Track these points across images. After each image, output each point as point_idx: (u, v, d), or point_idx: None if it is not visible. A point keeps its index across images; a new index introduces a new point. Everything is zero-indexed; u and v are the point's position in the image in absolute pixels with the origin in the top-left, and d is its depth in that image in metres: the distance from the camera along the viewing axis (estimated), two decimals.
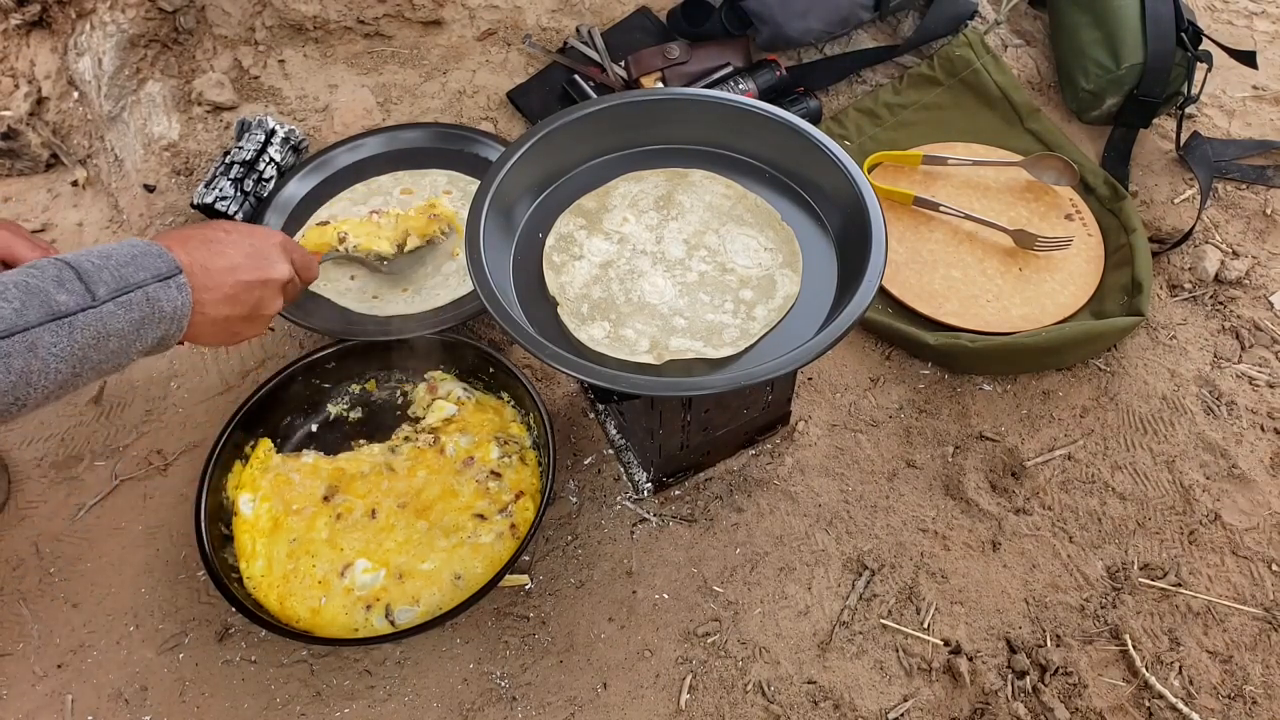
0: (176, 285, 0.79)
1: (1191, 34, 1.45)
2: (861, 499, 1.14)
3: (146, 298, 0.76)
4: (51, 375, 0.71)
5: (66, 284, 0.73)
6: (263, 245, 0.90)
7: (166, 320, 0.78)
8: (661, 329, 0.90)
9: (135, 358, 0.78)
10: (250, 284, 0.86)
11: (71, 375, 0.73)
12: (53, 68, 1.46)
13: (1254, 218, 1.44)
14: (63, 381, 0.73)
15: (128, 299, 0.75)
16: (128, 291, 0.75)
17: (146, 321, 0.76)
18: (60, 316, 0.71)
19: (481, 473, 1.09)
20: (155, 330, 0.78)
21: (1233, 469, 1.16)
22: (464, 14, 1.58)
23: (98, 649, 1.03)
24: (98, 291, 0.74)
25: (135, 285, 0.76)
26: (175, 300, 0.79)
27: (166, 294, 0.78)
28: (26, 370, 0.69)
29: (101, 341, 0.74)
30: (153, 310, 0.77)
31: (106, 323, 0.74)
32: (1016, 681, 1.00)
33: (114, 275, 0.75)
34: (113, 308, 0.74)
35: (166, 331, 0.79)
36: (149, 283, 0.77)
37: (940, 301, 1.29)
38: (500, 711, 0.98)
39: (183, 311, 0.79)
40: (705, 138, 1.04)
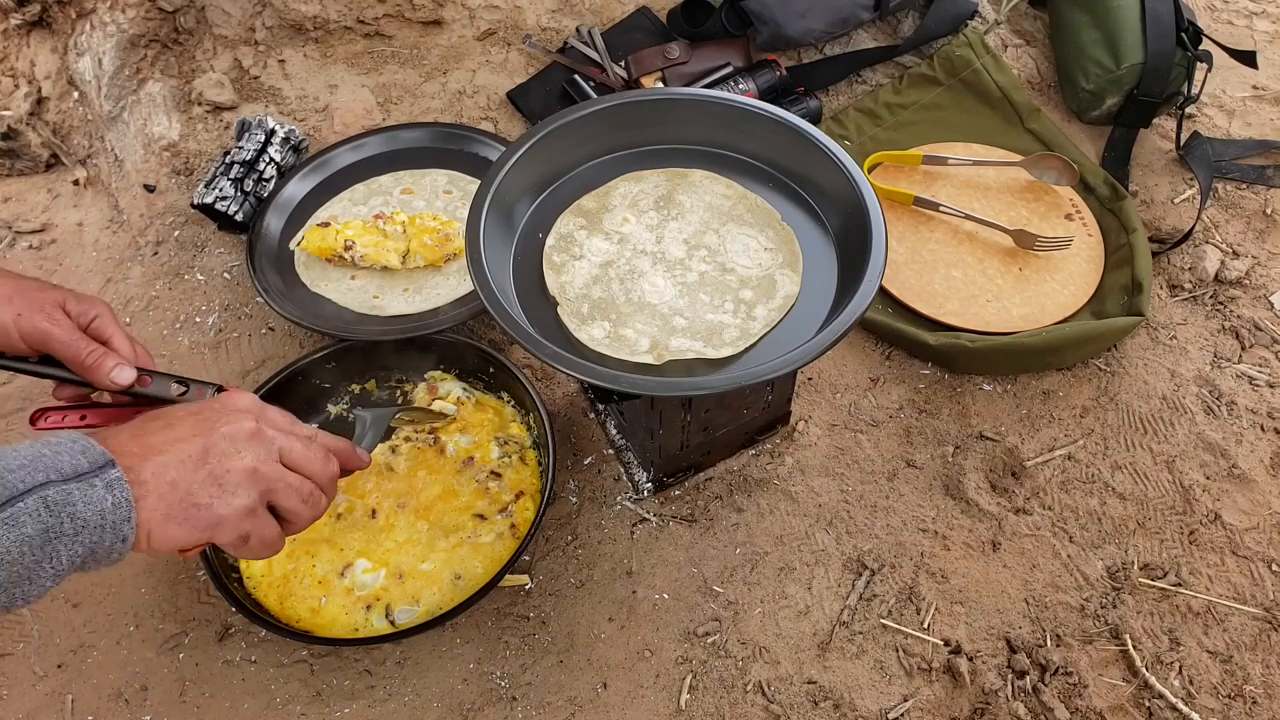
0: (104, 483, 0.61)
1: (1191, 34, 1.45)
2: (861, 499, 1.14)
3: (45, 505, 0.58)
4: None
5: None
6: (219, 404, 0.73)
7: (92, 529, 0.60)
8: (662, 329, 0.90)
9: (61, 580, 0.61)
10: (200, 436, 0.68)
11: None
12: (53, 68, 1.46)
13: (1254, 218, 1.44)
14: None
15: (12, 511, 0.57)
16: (14, 500, 0.58)
17: (54, 535, 0.59)
18: None
19: (481, 473, 1.09)
20: (74, 545, 0.60)
21: (1233, 469, 1.16)
22: (464, 14, 1.58)
23: (98, 649, 1.03)
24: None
25: (26, 490, 0.58)
26: (102, 501, 0.61)
27: (86, 494, 0.60)
28: None
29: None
30: (60, 520, 0.59)
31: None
32: (1016, 681, 1.00)
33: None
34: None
35: (99, 543, 0.61)
36: (50, 484, 0.59)
37: (940, 301, 1.29)
38: (500, 711, 0.98)
39: (118, 513, 0.61)
40: (705, 138, 1.04)
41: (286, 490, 0.72)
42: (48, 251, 1.41)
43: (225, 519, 0.68)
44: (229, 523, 0.68)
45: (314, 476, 0.75)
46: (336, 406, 1.19)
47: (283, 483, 0.72)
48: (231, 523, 0.69)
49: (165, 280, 1.36)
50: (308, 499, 0.74)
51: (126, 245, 1.41)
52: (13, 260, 1.40)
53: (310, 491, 0.74)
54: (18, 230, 1.43)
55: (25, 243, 1.42)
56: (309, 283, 1.29)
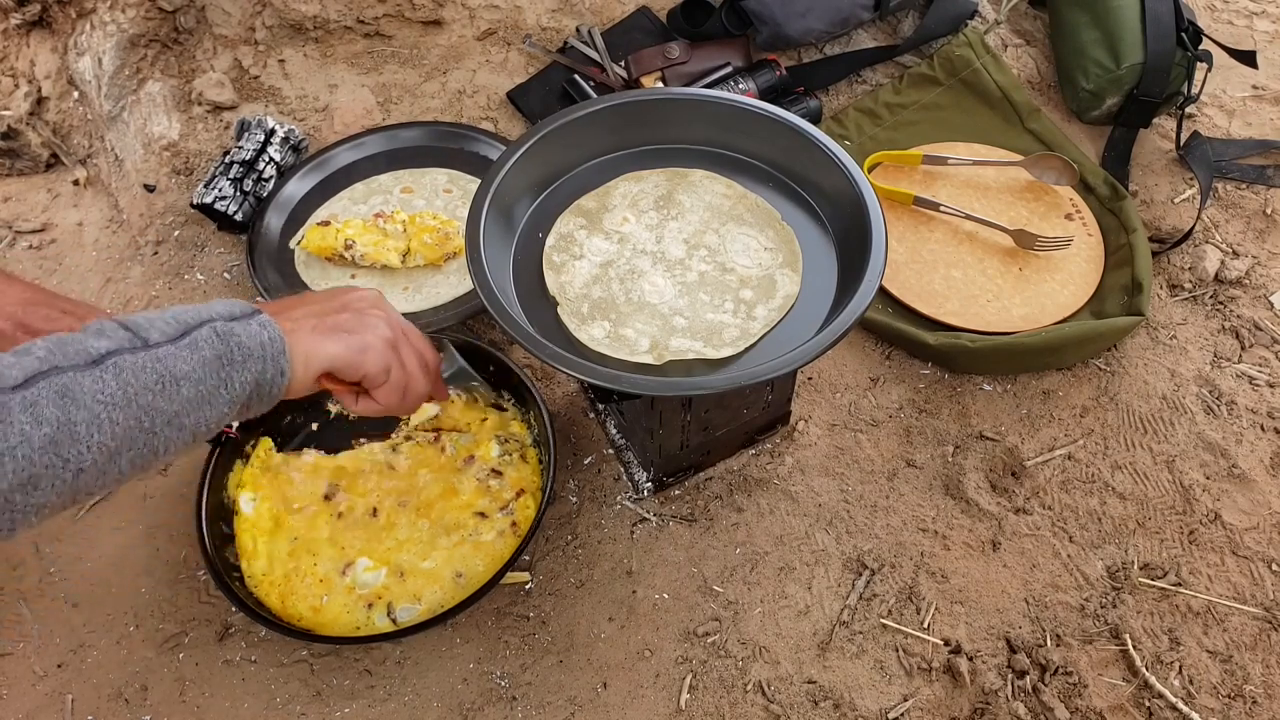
0: (258, 323, 0.68)
1: (1191, 34, 1.45)
2: (861, 499, 1.14)
3: (216, 333, 0.66)
4: (105, 427, 0.60)
5: (107, 332, 0.63)
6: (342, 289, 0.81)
7: (254, 358, 0.67)
8: (662, 329, 0.90)
9: (234, 409, 0.67)
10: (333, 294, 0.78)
11: (138, 429, 0.61)
12: (53, 67, 1.46)
13: (1254, 218, 1.44)
14: (126, 435, 0.61)
15: (191, 339, 0.65)
16: (190, 331, 0.65)
17: (226, 360, 0.66)
18: (99, 359, 0.61)
19: (482, 471, 1.09)
20: (243, 370, 0.66)
21: (1233, 469, 1.17)
22: (464, 14, 1.58)
23: (98, 649, 1.03)
24: (149, 336, 0.63)
25: (198, 323, 0.66)
26: (259, 335, 0.68)
27: (245, 329, 0.67)
28: (67, 421, 0.58)
29: (169, 387, 0.63)
30: (228, 347, 0.66)
31: (168, 365, 0.63)
32: (1016, 681, 1.00)
33: (169, 321, 0.65)
34: (172, 349, 0.63)
35: (262, 372, 0.68)
36: (216, 319, 0.67)
37: (940, 301, 1.29)
38: (500, 711, 0.98)
39: (274, 345, 0.68)
40: (705, 138, 1.04)
41: (410, 349, 0.80)
42: (48, 251, 1.41)
43: (372, 344, 0.76)
44: (375, 348, 0.76)
45: (425, 354, 0.83)
46: (337, 405, 1.19)
47: (407, 340, 0.80)
48: (378, 349, 0.76)
49: (165, 280, 1.36)
50: (424, 368, 0.82)
51: (126, 245, 1.41)
52: (13, 260, 1.40)
53: (426, 362, 0.83)
54: (18, 230, 1.43)
55: (25, 242, 1.42)
56: (309, 282, 1.29)
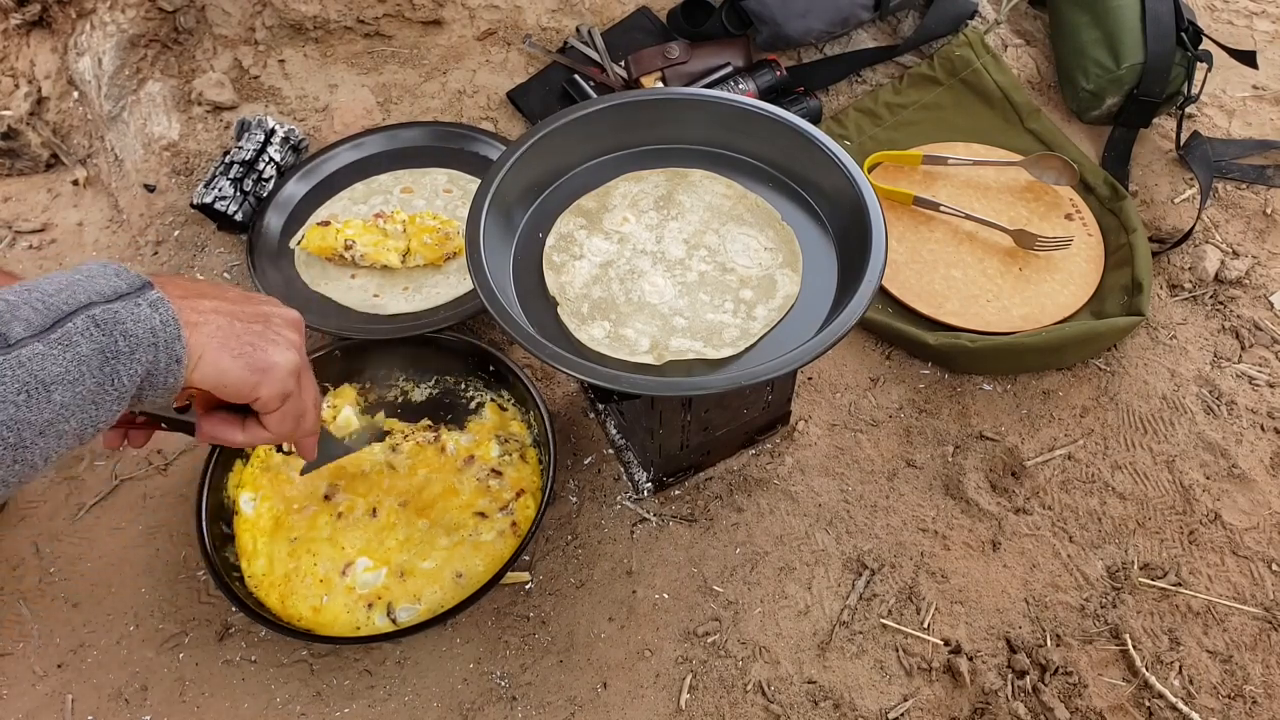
0: (148, 302, 0.60)
1: (1191, 34, 1.45)
2: (861, 499, 1.14)
3: (94, 323, 0.57)
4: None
5: None
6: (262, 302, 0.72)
7: (144, 347, 0.59)
8: (662, 329, 0.90)
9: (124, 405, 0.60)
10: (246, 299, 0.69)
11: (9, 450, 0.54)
12: (53, 68, 1.46)
13: (1254, 218, 1.44)
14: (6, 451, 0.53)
15: (63, 332, 0.56)
16: (60, 322, 0.56)
17: (110, 354, 0.57)
18: None
19: (482, 471, 1.10)
20: (131, 363, 0.58)
21: (1233, 469, 1.17)
22: (464, 14, 1.58)
23: (98, 649, 1.03)
24: (9, 332, 0.54)
25: (73, 309, 0.57)
26: (149, 319, 0.59)
27: (132, 312, 0.59)
28: None
29: (36, 395, 0.54)
30: (113, 338, 0.57)
31: (32, 369, 0.54)
32: (1016, 681, 1.00)
33: (35, 308, 0.56)
34: (40, 348, 0.54)
35: (154, 362, 0.60)
36: (94, 304, 0.58)
37: (940, 301, 1.29)
38: (500, 711, 0.98)
39: (166, 329, 0.60)
40: (705, 138, 1.04)
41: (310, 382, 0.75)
42: (48, 251, 1.41)
43: (276, 365, 0.68)
44: (278, 371, 0.68)
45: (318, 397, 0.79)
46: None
47: (309, 373, 0.74)
48: (281, 372, 0.69)
49: None
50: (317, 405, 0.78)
51: (126, 245, 1.41)
52: (13, 260, 1.40)
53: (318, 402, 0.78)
54: (18, 230, 1.43)
55: (25, 242, 1.42)
56: (309, 282, 1.29)
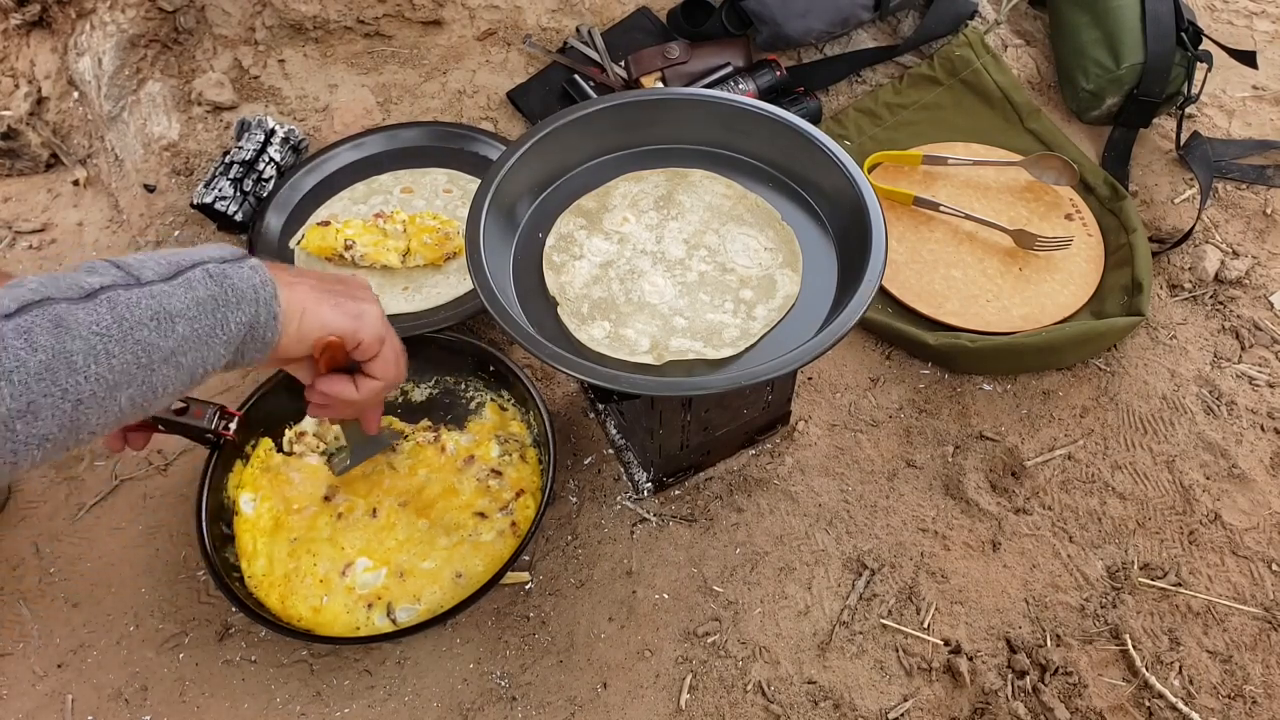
0: (250, 266, 0.67)
1: (1191, 34, 1.45)
2: (861, 499, 1.14)
3: (209, 274, 0.64)
4: (102, 359, 0.58)
5: (99, 270, 0.62)
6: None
7: (247, 300, 0.66)
8: (662, 329, 0.90)
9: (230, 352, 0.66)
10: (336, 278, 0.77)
11: (135, 364, 0.60)
12: (53, 68, 1.46)
13: (1254, 218, 1.44)
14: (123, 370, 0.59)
15: (185, 278, 0.64)
16: (182, 271, 0.64)
17: (220, 302, 0.64)
18: (93, 293, 0.59)
19: (482, 471, 1.09)
20: (236, 311, 0.65)
21: (1233, 469, 1.17)
22: (464, 14, 1.58)
23: (98, 649, 1.03)
24: (141, 274, 0.62)
25: (190, 264, 0.65)
26: (250, 278, 0.67)
27: (236, 271, 0.66)
28: (62, 350, 0.56)
29: (164, 324, 0.61)
30: (223, 289, 0.65)
31: (162, 301, 0.61)
32: (1016, 681, 1.00)
33: (160, 261, 0.64)
34: (165, 287, 0.62)
35: (255, 315, 0.67)
36: (208, 261, 0.66)
37: (940, 301, 1.29)
38: (500, 711, 0.98)
39: (264, 288, 0.67)
40: (705, 138, 1.04)
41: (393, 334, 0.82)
42: (48, 251, 1.41)
43: (368, 311, 0.77)
44: (371, 315, 0.77)
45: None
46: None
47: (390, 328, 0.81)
48: (373, 317, 0.77)
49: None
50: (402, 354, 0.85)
51: (126, 245, 1.41)
52: (13, 260, 1.40)
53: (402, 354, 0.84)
54: (18, 230, 1.43)
55: (25, 242, 1.42)
56: None
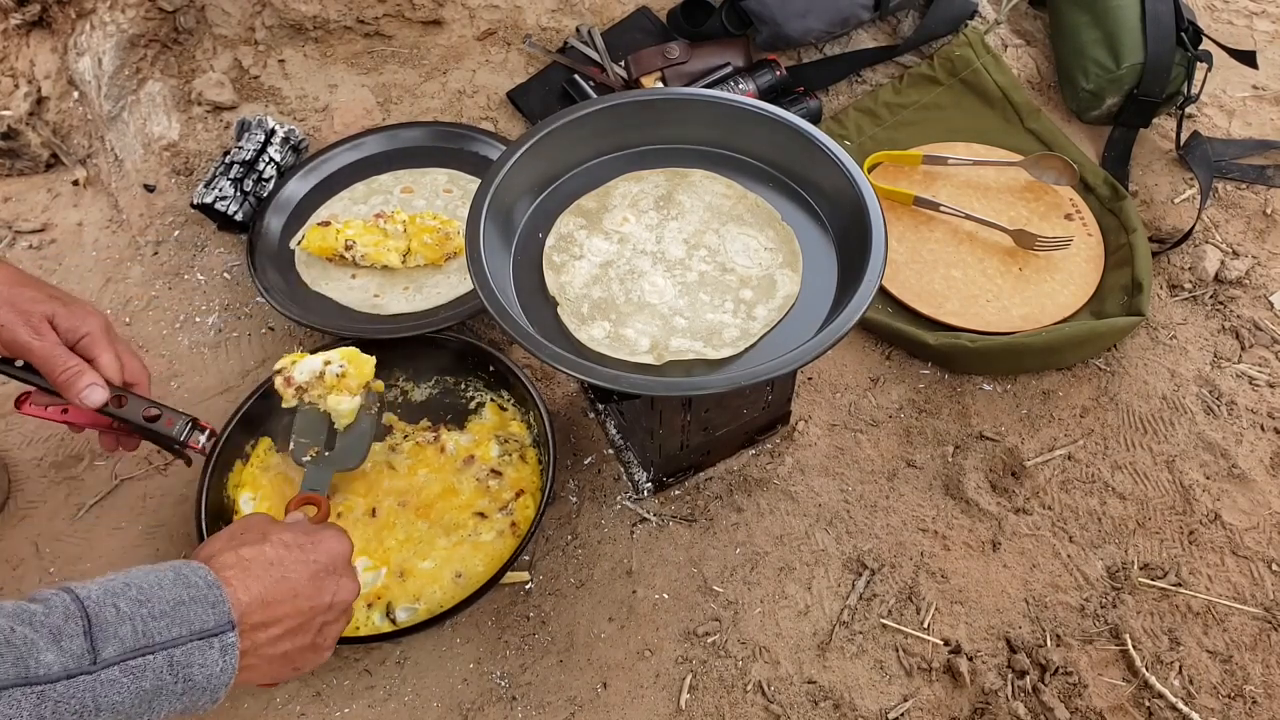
0: (221, 646, 0.64)
1: (1191, 34, 1.45)
2: (861, 499, 1.14)
3: (170, 663, 0.61)
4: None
5: (65, 639, 0.58)
6: (327, 561, 0.76)
7: (195, 690, 0.63)
8: (662, 329, 0.90)
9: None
10: (314, 611, 0.73)
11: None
12: (53, 68, 1.46)
13: (1254, 218, 1.44)
14: None
15: (140, 664, 0.60)
16: (146, 653, 0.60)
17: (162, 693, 0.61)
18: (32, 683, 0.56)
19: (482, 471, 1.10)
20: (174, 702, 0.62)
21: (1233, 469, 1.17)
22: (464, 14, 1.58)
23: None
24: (103, 651, 0.59)
25: (160, 645, 0.61)
26: (214, 666, 0.63)
27: (203, 658, 0.63)
28: None
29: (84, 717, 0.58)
30: (175, 679, 0.61)
31: (99, 694, 0.58)
32: (1016, 681, 1.00)
33: (136, 630, 0.60)
34: (115, 674, 0.59)
35: (193, 703, 0.63)
36: (181, 642, 0.62)
37: (940, 301, 1.29)
38: (500, 711, 0.98)
39: (221, 680, 0.64)
40: (705, 138, 1.04)
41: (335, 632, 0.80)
42: (48, 251, 1.41)
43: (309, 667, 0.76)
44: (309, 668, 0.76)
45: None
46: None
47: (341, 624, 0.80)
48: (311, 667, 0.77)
49: (165, 280, 1.36)
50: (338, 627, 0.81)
51: (126, 245, 1.41)
52: (12, 260, 1.40)
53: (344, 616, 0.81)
54: (18, 230, 1.43)
55: (25, 242, 1.42)
56: (309, 282, 1.29)
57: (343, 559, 0.78)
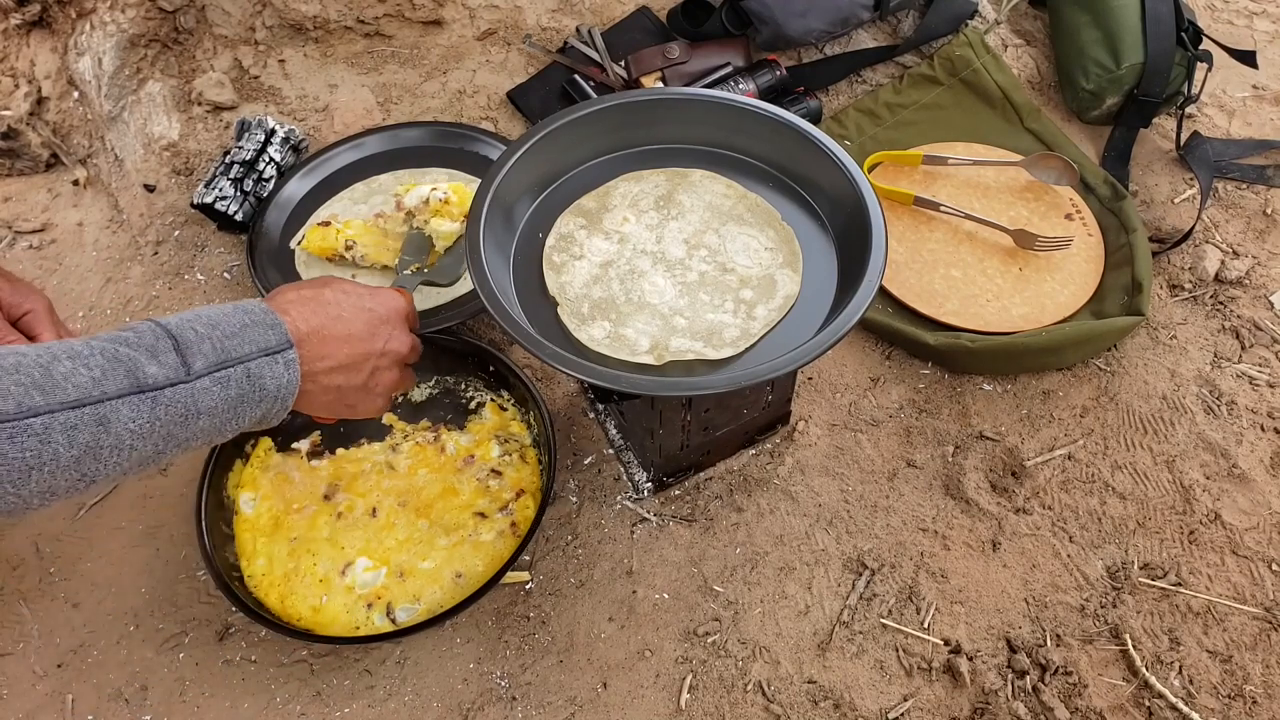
0: (284, 361, 0.73)
1: (1191, 34, 1.45)
2: (861, 499, 1.14)
3: (248, 374, 0.71)
4: (125, 453, 0.65)
5: (160, 354, 0.67)
6: (383, 311, 0.83)
7: (269, 399, 0.72)
8: (662, 329, 0.90)
9: (231, 434, 0.73)
10: (366, 354, 0.81)
11: (153, 453, 0.67)
12: (53, 67, 1.46)
13: (1254, 218, 1.44)
14: (141, 459, 0.67)
15: (225, 375, 0.69)
16: (227, 366, 0.69)
17: (245, 400, 0.71)
18: (145, 390, 0.65)
19: (482, 471, 1.10)
20: (255, 409, 0.72)
21: (1233, 469, 1.17)
22: (464, 14, 1.58)
23: (98, 649, 1.03)
24: (194, 365, 0.68)
25: (236, 360, 0.70)
26: (281, 378, 0.73)
27: (272, 370, 0.72)
28: (95, 445, 0.63)
29: (190, 419, 0.68)
30: (254, 388, 0.71)
31: (198, 400, 0.68)
32: (1016, 681, 1.00)
33: (215, 347, 0.69)
34: (207, 383, 0.68)
35: (268, 410, 0.74)
36: (253, 357, 0.71)
37: (940, 301, 1.29)
38: (500, 711, 0.98)
39: (288, 390, 0.74)
40: (705, 138, 1.04)
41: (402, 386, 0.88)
42: (48, 251, 1.41)
43: (364, 412, 0.85)
44: (364, 413, 0.85)
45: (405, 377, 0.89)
46: None
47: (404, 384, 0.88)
48: (367, 413, 0.85)
49: (165, 280, 1.36)
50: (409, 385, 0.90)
51: (126, 245, 1.41)
52: (12, 260, 1.40)
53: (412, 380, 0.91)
54: (18, 230, 1.43)
55: (25, 242, 1.42)
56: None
57: (398, 313, 0.85)
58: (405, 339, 0.85)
